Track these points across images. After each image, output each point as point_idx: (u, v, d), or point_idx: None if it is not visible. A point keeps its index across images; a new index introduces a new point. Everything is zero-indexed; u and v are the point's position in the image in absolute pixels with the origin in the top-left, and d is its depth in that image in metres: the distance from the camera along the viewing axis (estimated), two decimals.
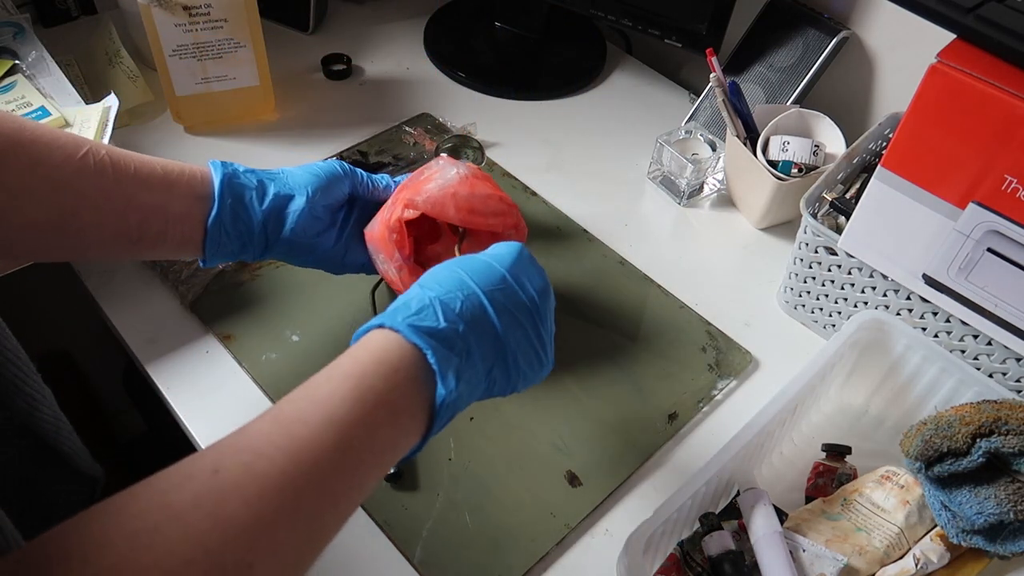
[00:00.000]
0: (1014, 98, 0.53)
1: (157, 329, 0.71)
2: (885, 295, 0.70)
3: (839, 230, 0.70)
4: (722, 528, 0.57)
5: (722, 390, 0.71)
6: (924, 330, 0.69)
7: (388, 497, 0.62)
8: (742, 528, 0.58)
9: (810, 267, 0.74)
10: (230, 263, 0.73)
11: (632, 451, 0.66)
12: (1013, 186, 0.55)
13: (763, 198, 0.81)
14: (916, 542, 0.58)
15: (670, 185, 0.89)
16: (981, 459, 0.54)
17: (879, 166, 0.62)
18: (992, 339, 0.64)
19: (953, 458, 0.55)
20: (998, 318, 0.62)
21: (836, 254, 0.71)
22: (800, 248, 0.73)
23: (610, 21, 0.93)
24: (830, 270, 0.72)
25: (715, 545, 0.56)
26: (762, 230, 0.87)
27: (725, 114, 0.81)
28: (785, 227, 0.87)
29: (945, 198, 0.60)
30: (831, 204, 0.74)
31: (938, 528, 0.58)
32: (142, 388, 0.77)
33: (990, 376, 0.65)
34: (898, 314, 0.69)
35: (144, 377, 0.69)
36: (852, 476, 0.63)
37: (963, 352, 0.67)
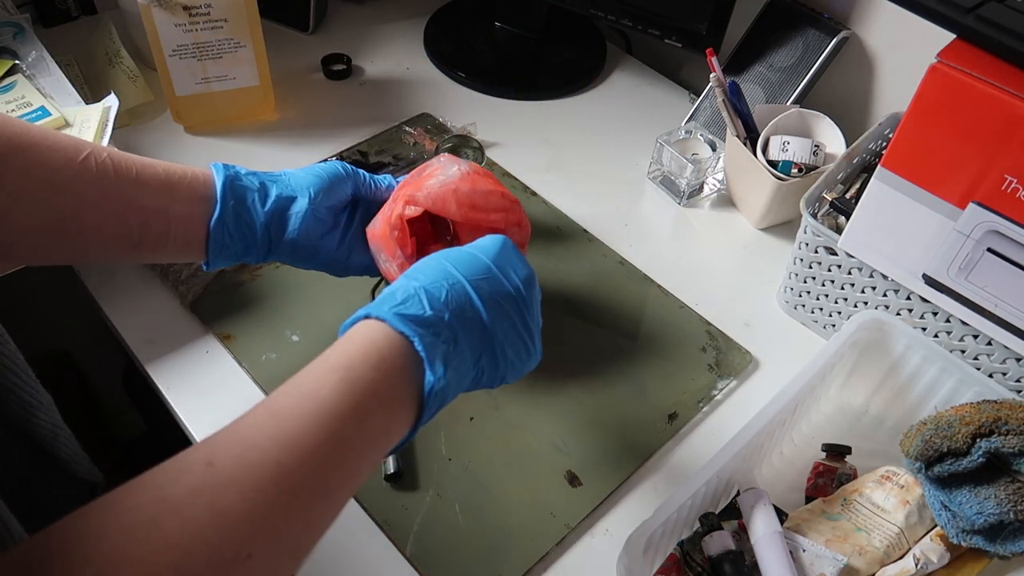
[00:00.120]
0: (1014, 98, 0.53)
1: (157, 329, 0.71)
2: (885, 295, 0.70)
3: (839, 230, 0.70)
4: (722, 528, 0.57)
5: (722, 390, 0.71)
6: (924, 330, 0.69)
7: (388, 497, 0.62)
8: (742, 528, 0.58)
9: (810, 267, 0.74)
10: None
11: (632, 451, 0.66)
12: (1013, 186, 0.55)
13: (763, 198, 0.81)
14: (916, 542, 0.58)
15: (670, 185, 0.89)
16: (981, 459, 0.54)
17: (879, 166, 0.62)
18: (992, 339, 0.64)
19: (953, 458, 0.55)
20: (998, 318, 0.62)
21: (836, 254, 0.71)
22: (800, 248, 0.73)
23: (610, 21, 0.93)
24: (830, 270, 0.72)
25: (715, 545, 0.56)
26: (762, 230, 0.87)
27: (725, 114, 0.81)
28: (785, 227, 0.87)
29: (945, 198, 0.60)
30: (831, 204, 0.74)
31: (938, 528, 0.58)
32: (142, 388, 0.77)
33: (990, 376, 0.65)
34: (898, 314, 0.69)
35: (144, 377, 0.69)
36: (852, 476, 0.63)
37: (963, 352, 0.67)
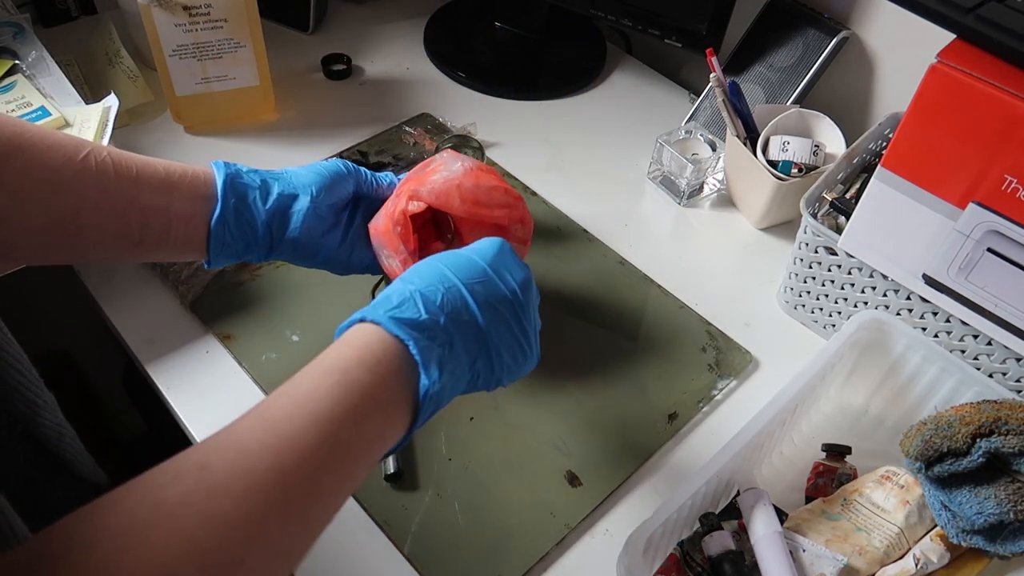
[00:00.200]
0: (1014, 98, 0.53)
1: (157, 329, 0.71)
2: (885, 295, 0.70)
3: (839, 230, 0.70)
4: (722, 528, 0.57)
5: (722, 390, 0.71)
6: (924, 330, 0.69)
7: (388, 496, 0.62)
8: (742, 528, 0.58)
9: (810, 267, 0.74)
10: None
11: (632, 451, 0.66)
12: (1013, 186, 0.55)
13: (763, 198, 0.81)
14: (916, 542, 0.58)
15: (670, 185, 0.89)
16: (981, 459, 0.54)
17: (879, 166, 0.62)
18: (992, 339, 0.64)
19: (953, 458, 0.55)
20: (998, 318, 0.62)
21: (836, 254, 0.71)
22: (800, 248, 0.73)
23: (610, 21, 0.93)
24: (830, 270, 0.72)
25: (715, 545, 0.56)
26: (762, 230, 0.87)
27: (725, 114, 0.81)
28: (785, 227, 0.87)
29: (945, 198, 0.60)
30: (831, 204, 0.74)
31: (938, 528, 0.58)
32: (142, 388, 0.77)
33: (990, 376, 0.65)
34: (898, 314, 0.69)
35: (144, 377, 0.69)
36: (852, 476, 0.63)
37: (963, 352, 0.67)
